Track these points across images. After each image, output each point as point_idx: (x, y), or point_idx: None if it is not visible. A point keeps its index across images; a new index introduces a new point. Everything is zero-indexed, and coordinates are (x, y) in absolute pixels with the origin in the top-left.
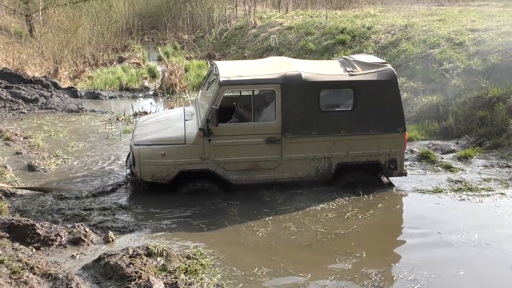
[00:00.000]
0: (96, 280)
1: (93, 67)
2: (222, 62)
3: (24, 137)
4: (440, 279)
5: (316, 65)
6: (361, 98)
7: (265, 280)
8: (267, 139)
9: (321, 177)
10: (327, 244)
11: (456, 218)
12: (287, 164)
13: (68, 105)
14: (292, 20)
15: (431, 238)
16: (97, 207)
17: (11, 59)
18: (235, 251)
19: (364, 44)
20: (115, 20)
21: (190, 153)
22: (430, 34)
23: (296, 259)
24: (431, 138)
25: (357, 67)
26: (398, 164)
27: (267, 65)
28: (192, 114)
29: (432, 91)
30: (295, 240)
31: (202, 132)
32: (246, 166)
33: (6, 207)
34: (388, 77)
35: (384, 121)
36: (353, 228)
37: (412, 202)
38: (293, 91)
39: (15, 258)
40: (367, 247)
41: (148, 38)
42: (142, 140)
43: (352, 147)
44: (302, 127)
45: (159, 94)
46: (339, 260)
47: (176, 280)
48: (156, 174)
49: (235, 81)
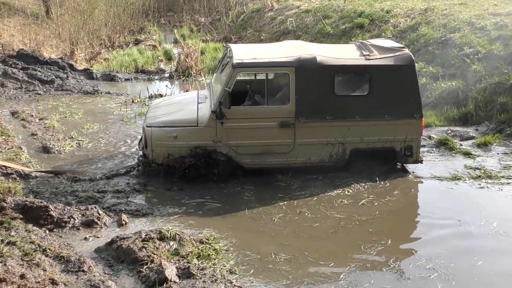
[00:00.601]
0: (108, 263)
1: (109, 49)
2: (236, 45)
3: (40, 119)
4: (458, 269)
5: (332, 49)
6: (377, 83)
7: (283, 268)
8: (281, 123)
9: (334, 162)
10: (351, 231)
11: (474, 206)
12: (300, 148)
13: (83, 87)
14: (309, 3)
15: (449, 226)
16: (111, 189)
17: (28, 40)
18: (249, 236)
19: (382, 28)
20: (132, 2)
21: (202, 135)
22: (451, 18)
23: (315, 246)
24: (450, 124)
25: (374, 51)
26: (414, 151)
27: (282, 49)
28: (205, 97)
29: (452, 77)
30: (313, 226)
31: (215, 115)
32: (259, 150)
33: (20, 189)
34: (406, 62)
35: (401, 107)
36: (369, 216)
37: (430, 189)
38: (308, 74)
39: (27, 239)
40: (384, 235)
41: (164, 21)
42: (154, 122)
43: (367, 132)
44: (316, 112)
45: (174, 77)
46: (363, 248)
47: (189, 264)
48: (168, 156)
49: (249, 63)
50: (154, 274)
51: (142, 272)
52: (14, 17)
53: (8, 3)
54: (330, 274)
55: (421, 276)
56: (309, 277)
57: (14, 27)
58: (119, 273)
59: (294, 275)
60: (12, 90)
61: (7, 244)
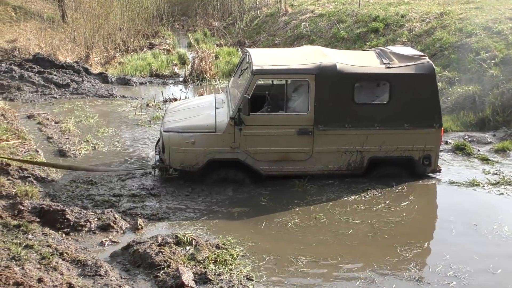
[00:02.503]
0: (124, 267)
1: (124, 53)
2: (255, 49)
3: (56, 122)
4: (477, 276)
5: (351, 56)
6: (397, 91)
7: (304, 270)
8: (299, 131)
9: (352, 170)
10: (371, 237)
11: (494, 213)
12: (318, 156)
13: (98, 90)
14: (323, 7)
15: (468, 233)
16: (127, 193)
17: (44, 44)
18: (265, 242)
19: (397, 32)
20: (146, 7)
21: (220, 142)
22: (467, 22)
23: (332, 250)
24: (467, 129)
25: (394, 59)
26: (432, 161)
27: (301, 55)
28: (223, 102)
29: (468, 81)
30: (330, 231)
31: (233, 121)
32: (276, 157)
33: (37, 192)
34: (426, 71)
35: (420, 116)
36: (383, 221)
37: (448, 195)
38: (328, 82)
39: (45, 243)
40: (403, 240)
41: (178, 25)
42: (172, 127)
43: (385, 141)
44: (335, 120)
45: (189, 81)
46: (383, 252)
47: (206, 270)
48: (185, 162)
49: (269, 70)
50: (171, 279)
51: (158, 277)
52: (30, 21)
53: (24, 8)
54: (347, 278)
55: (440, 284)
56: (329, 280)
57: (31, 31)
58: (135, 277)
59: (313, 278)
60: (28, 93)
61: (25, 248)
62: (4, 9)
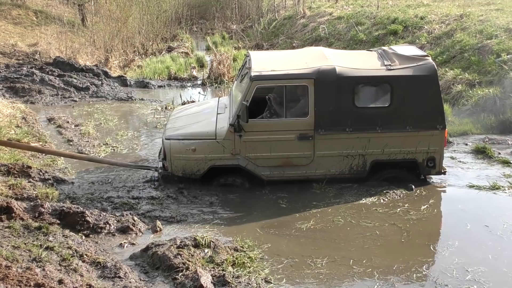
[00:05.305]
0: (143, 269)
1: (143, 56)
2: (256, 53)
3: (75, 125)
4: (497, 281)
5: (352, 58)
6: (398, 93)
7: (322, 271)
8: (299, 136)
9: (355, 174)
10: (387, 239)
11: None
12: (319, 161)
13: (118, 93)
14: (342, 9)
15: (489, 238)
16: (145, 196)
17: (64, 48)
18: (283, 244)
19: (416, 34)
20: (165, 10)
21: (221, 148)
22: (487, 24)
23: (347, 253)
24: (487, 132)
25: (395, 61)
26: (436, 163)
27: (302, 58)
28: (225, 107)
29: (489, 84)
30: (349, 233)
31: (233, 128)
32: (278, 163)
33: (57, 194)
34: (428, 72)
35: (423, 118)
36: (401, 224)
37: (468, 199)
38: (327, 86)
39: (65, 245)
40: (421, 242)
41: (196, 28)
42: (173, 135)
43: (388, 144)
44: (335, 124)
45: (207, 84)
46: (398, 257)
47: (224, 272)
48: (186, 169)
49: (267, 76)
50: (190, 281)
51: (177, 279)
52: (51, 25)
53: (45, 12)
54: (364, 281)
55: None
56: (346, 283)
57: (51, 35)
58: (154, 280)
59: (331, 281)
60: (48, 96)
61: (46, 249)
62: (25, 13)
